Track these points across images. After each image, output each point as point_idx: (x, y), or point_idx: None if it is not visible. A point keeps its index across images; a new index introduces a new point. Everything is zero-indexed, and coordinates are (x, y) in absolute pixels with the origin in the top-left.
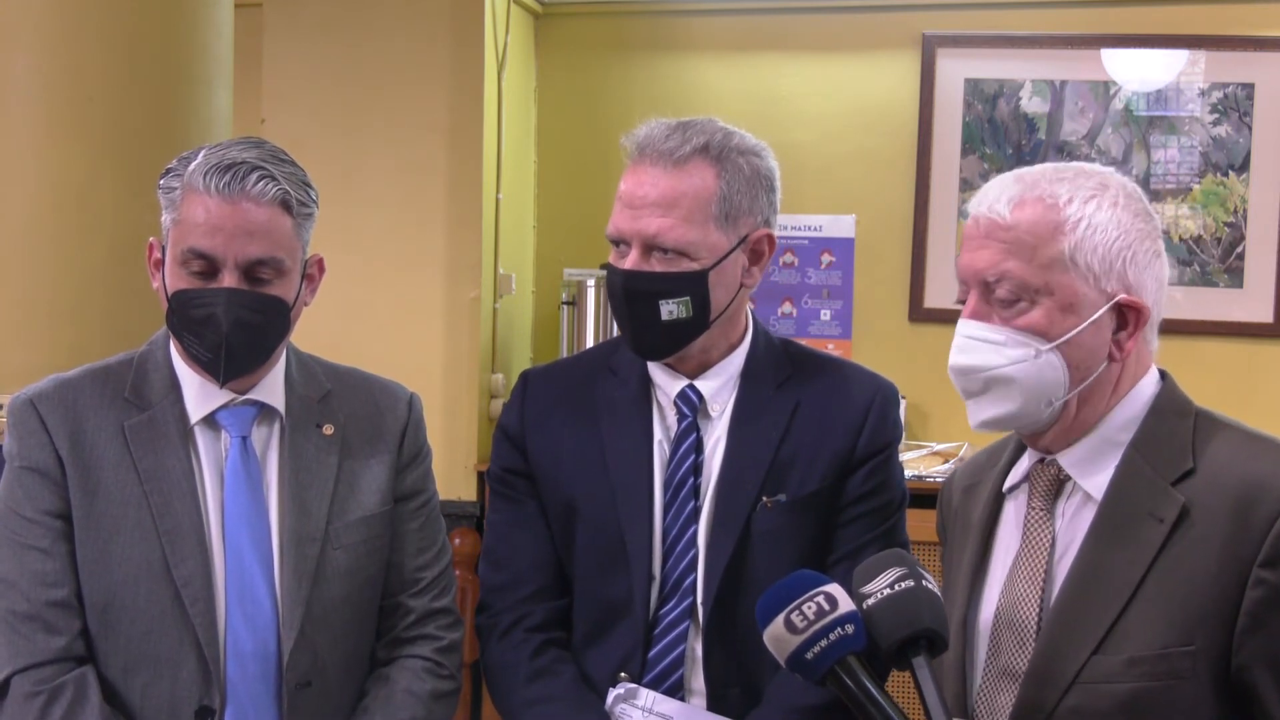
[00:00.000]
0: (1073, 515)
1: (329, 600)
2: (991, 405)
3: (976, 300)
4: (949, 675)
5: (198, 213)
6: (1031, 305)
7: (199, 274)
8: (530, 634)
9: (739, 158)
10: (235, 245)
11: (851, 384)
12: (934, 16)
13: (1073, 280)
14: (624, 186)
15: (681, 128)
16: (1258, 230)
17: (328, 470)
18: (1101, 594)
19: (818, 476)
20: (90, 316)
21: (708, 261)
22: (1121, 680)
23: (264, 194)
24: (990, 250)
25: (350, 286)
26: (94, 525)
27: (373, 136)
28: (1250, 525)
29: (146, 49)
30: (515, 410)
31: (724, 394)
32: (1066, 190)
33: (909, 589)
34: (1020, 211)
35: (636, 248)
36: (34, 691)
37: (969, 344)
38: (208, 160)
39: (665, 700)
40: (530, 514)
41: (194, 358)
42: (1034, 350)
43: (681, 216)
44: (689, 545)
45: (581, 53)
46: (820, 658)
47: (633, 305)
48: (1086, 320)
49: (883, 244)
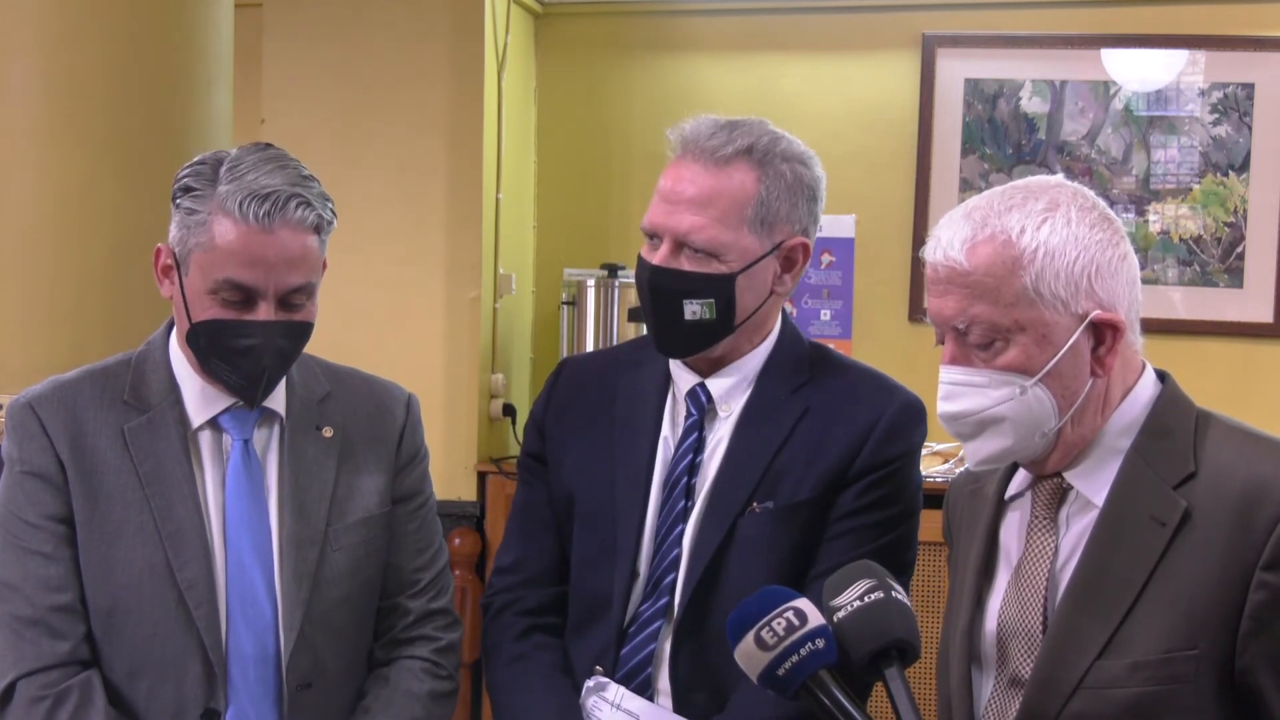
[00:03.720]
0: (1075, 521)
1: (329, 602)
2: (987, 444)
3: (953, 345)
4: (955, 683)
5: (233, 243)
6: (1006, 344)
7: (234, 303)
8: (520, 617)
9: (783, 164)
10: (275, 277)
11: (867, 395)
12: (934, 16)
13: (1041, 312)
14: (663, 181)
15: (729, 126)
16: (1258, 230)
17: (327, 473)
18: (1104, 599)
19: (809, 486)
20: (90, 316)
21: (736, 265)
22: (1125, 685)
23: (302, 222)
24: (954, 297)
25: (350, 286)
26: (96, 529)
27: (373, 136)
28: (1253, 528)
29: (146, 49)
30: (545, 396)
31: (736, 394)
32: (1017, 220)
33: (879, 600)
34: (975, 255)
35: (668, 243)
36: (39, 696)
37: (954, 390)
38: (241, 187)
39: (632, 697)
40: (541, 500)
41: (223, 382)
42: (1018, 388)
43: (715, 216)
44: (674, 544)
45: (581, 53)
46: (792, 673)
47: (656, 301)
48: (1063, 348)
49: (883, 244)
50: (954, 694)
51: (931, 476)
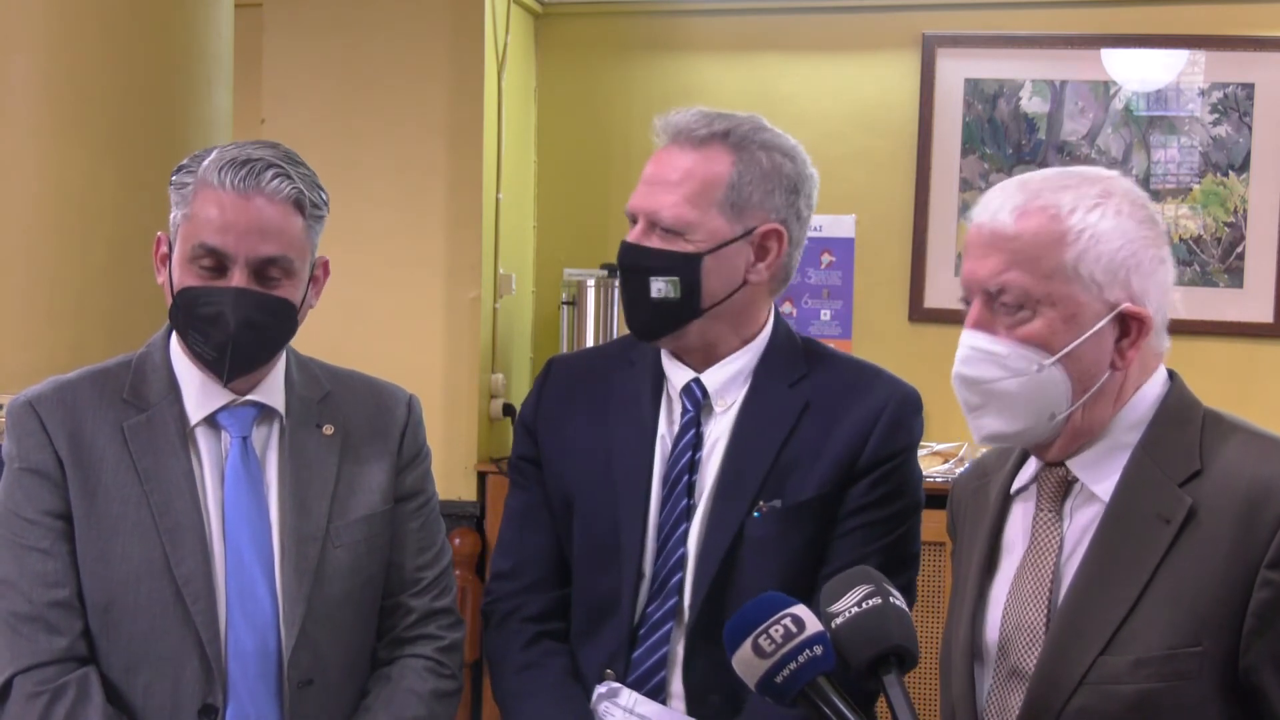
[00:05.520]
0: (1080, 516)
1: (330, 599)
2: (993, 420)
3: (980, 309)
4: (958, 677)
5: (210, 208)
6: (1033, 315)
7: (208, 270)
8: (525, 624)
9: (760, 151)
10: (247, 243)
11: (867, 388)
12: (934, 16)
13: (1075, 291)
14: (646, 168)
15: (714, 114)
16: (1258, 230)
17: (328, 470)
18: (1109, 595)
19: (815, 483)
20: (90, 316)
21: (704, 246)
22: (1129, 681)
23: (278, 191)
24: (993, 260)
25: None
26: (94, 525)
27: (373, 136)
28: (1258, 526)
29: (146, 49)
30: (533, 397)
31: (732, 389)
32: (1070, 199)
33: (876, 607)
34: (1024, 221)
35: (642, 222)
36: (36, 692)
37: (972, 355)
38: (222, 156)
39: (646, 702)
40: (537, 503)
41: (197, 355)
42: (1035, 365)
43: (685, 195)
44: (678, 544)
45: (581, 53)
46: (790, 680)
47: (626, 279)
48: (1088, 332)
49: (883, 244)
50: (957, 688)
51: (932, 476)
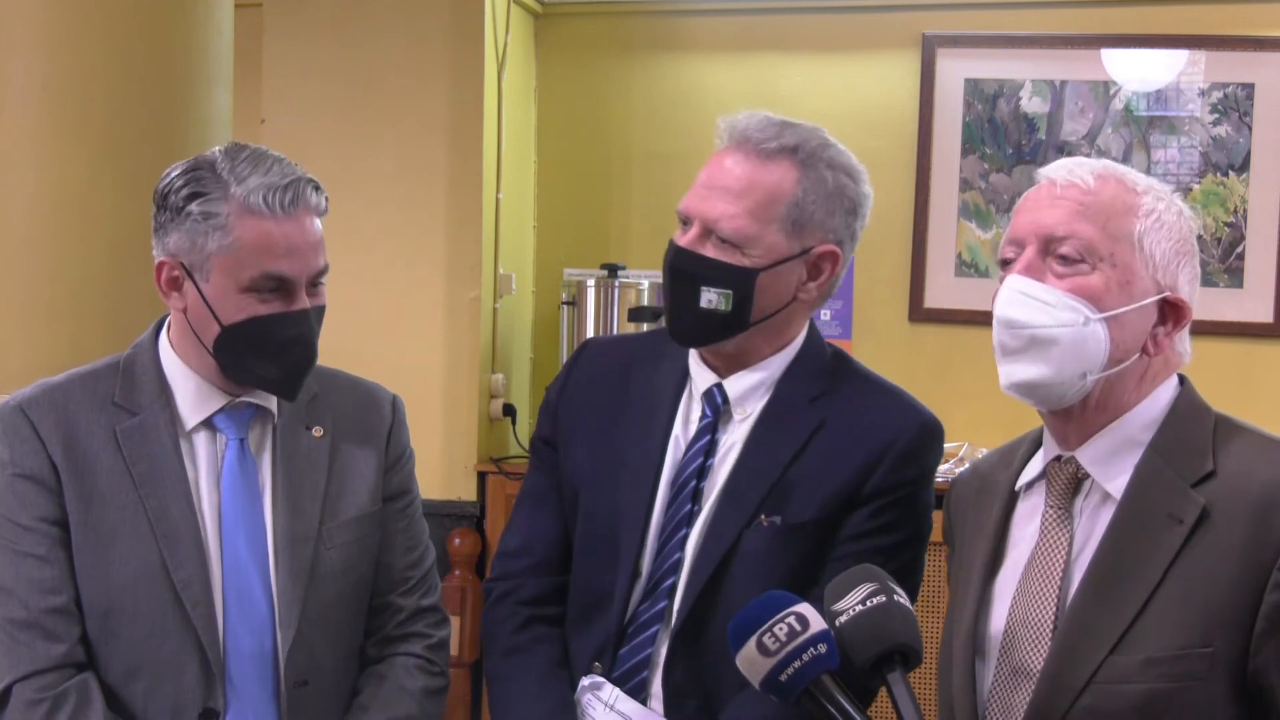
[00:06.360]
0: (1090, 514)
1: (324, 599)
2: (1027, 367)
3: (1033, 256)
4: (958, 674)
5: (265, 237)
6: (1092, 269)
7: (272, 295)
8: (519, 606)
9: (826, 170)
10: (308, 263)
11: (886, 413)
12: (934, 16)
13: (1135, 260)
14: (705, 169)
15: (781, 123)
16: (1258, 230)
17: (319, 471)
18: (1119, 594)
19: (817, 505)
20: (90, 316)
21: (761, 261)
22: (1138, 681)
23: (317, 206)
24: (1064, 209)
25: (350, 286)
26: (91, 531)
27: (373, 136)
28: (1270, 529)
29: (146, 49)
30: (563, 378)
31: (754, 398)
32: (1144, 183)
33: (881, 604)
34: (1103, 183)
35: (696, 227)
36: (36, 699)
37: (1019, 298)
38: (258, 182)
39: (626, 699)
40: (550, 485)
41: (259, 381)
42: (1082, 317)
43: (747, 208)
44: (676, 547)
45: (581, 53)
46: (794, 679)
47: (675, 283)
48: (1138, 302)
49: (883, 244)
50: (957, 685)
51: None
